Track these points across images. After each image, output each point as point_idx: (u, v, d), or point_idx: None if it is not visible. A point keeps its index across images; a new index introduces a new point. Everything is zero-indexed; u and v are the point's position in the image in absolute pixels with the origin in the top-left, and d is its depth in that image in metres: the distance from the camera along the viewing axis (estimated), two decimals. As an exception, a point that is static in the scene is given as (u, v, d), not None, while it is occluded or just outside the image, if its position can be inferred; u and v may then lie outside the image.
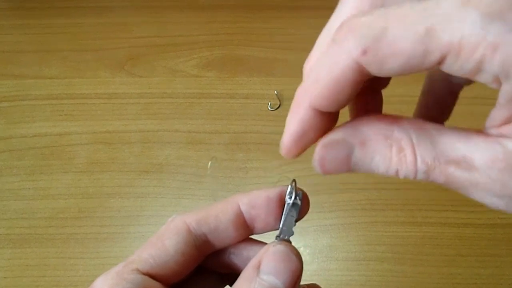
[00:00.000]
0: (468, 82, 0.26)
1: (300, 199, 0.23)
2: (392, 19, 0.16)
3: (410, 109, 0.27)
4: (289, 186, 0.23)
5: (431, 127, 0.18)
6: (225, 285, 0.25)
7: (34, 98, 0.59)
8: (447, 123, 0.28)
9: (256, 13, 0.66)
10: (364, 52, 0.17)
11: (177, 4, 0.67)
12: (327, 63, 0.18)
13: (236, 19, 0.65)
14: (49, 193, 0.52)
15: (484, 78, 0.16)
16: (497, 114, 0.17)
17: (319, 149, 0.19)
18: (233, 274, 0.23)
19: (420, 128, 0.18)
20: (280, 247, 0.21)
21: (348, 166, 0.19)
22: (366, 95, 0.24)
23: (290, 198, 0.23)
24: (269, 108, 0.57)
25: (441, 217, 0.49)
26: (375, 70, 0.17)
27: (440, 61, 0.16)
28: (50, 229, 0.49)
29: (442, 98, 0.27)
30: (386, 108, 0.25)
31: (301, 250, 0.47)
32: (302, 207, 0.23)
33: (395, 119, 0.18)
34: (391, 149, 0.18)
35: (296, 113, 0.20)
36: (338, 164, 0.19)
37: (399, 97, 0.47)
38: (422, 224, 0.48)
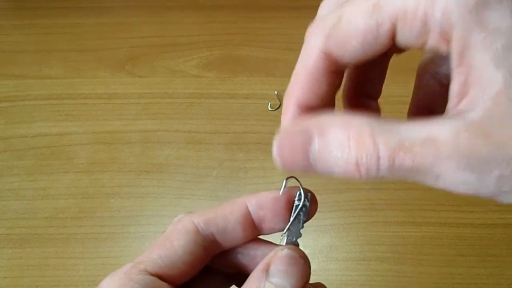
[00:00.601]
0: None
1: (308, 201, 0.23)
2: (346, 8, 0.18)
3: (409, 109, 0.27)
4: (300, 188, 0.23)
5: (392, 120, 0.17)
6: (231, 285, 0.25)
7: (35, 98, 0.59)
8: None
9: (256, 13, 0.66)
10: (327, 38, 0.19)
11: (177, 4, 0.67)
12: (301, 60, 0.20)
13: (236, 19, 0.65)
14: (49, 193, 0.52)
15: (434, 39, 0.17)
16: (453, 89, 0.17)
17: (280, 133, 0.19)
18: (239, 274, 0.24)
19: (381, 119, 0.17)
20: (289, 251, 0.21)
21: (306, 157, 0.18)
22: (362, 106, 0.25)
23: (299, 200, 0.23)
24: (269, 108, 0.57)
25: (441, 217, 0.49)
26: (340, 53, 0.19)
27: (393, 31, 0.17)
28: (50, 229, 0.49)
29: (432, 94, 0.26)
30: (385, 108, 0.25)
31: (301, 250, 0.47)
32: (310, 209, 0.23)
33: (354, 114, 0.18)
34: (349, 137, 0.17)
35: (286, 115, 0.20)
36: (295, 153, 0.18)
37: (398, 97, 0.47)
38: (422, 224, 0.48)
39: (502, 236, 0.48)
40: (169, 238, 0.22)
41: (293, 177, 0.23)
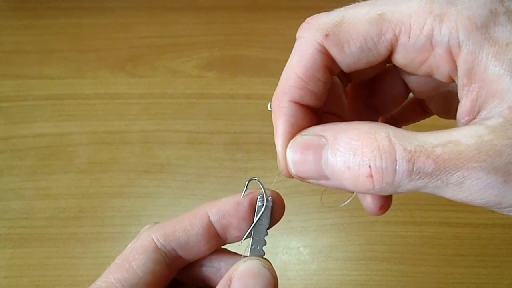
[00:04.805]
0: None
1: (271, 202, 0.21)
2: (348, 11, 0.18)
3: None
4: (262, 190, 0.21)
5: (407, 130, 0.17)
6: None
7: (35, 98, 0.59)
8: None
9: (256, 13, 0.66)
10: (327, 35, 0.18)
11: (178, 5, 0.67)
12: (297, 54, 0.19)
13: (236, 19, 0.65)
14: (50, 193, 0.52)
15: (437, 56, 0.17)
16: (463, 107, 0.17)
17: (295, 138, 0.19)
18: (208, 287, 0.22)
19: (397, 128, 0.17)
20: (251, 262, 0.20)
21: (318, 162, 0.17)
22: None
23: (262, 202, 0.21)
24: (269, 108, 0.57)
25: (441, 217, 0.49)
26: (336, 53, 0.18)
27: (393, 44, 0.17)
28: (50, 229, 0.49)
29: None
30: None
31: (301, 250, 0.47)
32: (274, 211, 0.21)
33: (371, 121, 0.17)
34: (362, 140, 0.16)
35: (280, 112, 0.20)
36: (308, 156, 0.18)
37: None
38: (421, 224, 0.49)
39: (502, 236, 0.48)
40: (128, 259, 0.20)
41: (255, 178, 0.21)
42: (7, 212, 0.51)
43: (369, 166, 0.16)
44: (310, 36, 0.19)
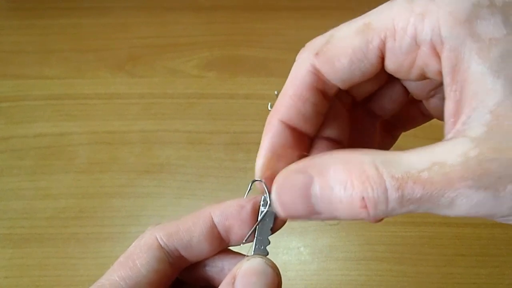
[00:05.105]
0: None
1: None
2: (338, 29, 0.19)
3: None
4: (265, 193, 0.21)
5: (390, 151, 0.16)
6: None
7: (35, 98, 0.59)
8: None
9: (256, 13, 0.66)
10: (317, 54, 0.19)
11: (177, 5, 0.67)
12: (290, 77, 0.20)
13: (236, 19, 0.65)
14: (50, 193, 0.52)
15: (424, 55, 0.17)
16: (448, 108, 0.16)
17: (277, 178, 0.18)
18: (210, 286, 0.22)
19: (380, 152, 0.16)
20: (254, 261, 0.20)
21: (308, 200, 0.17)
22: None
23: (265, 205, 0.21)
24: (269, 108, 0.57)
25: (440, 217, 0.49)
26: (329, 70, 0.19)
27: (382, 51, 0.18)
28: (50, 229, 0.49)
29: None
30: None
31: (301, 250, 0.47)
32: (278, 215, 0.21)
33: (354, 149, 0.17)
34: (351, 173, 0.16)
35: (267, 130, 0.20)
36: (297, 196, 0.17)
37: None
38: (421, 224, 0.48)
39: (502, 236, 0.48)
40: (131, 257, 0.20)
41: (259, 180, 0.21)
42: (7, 212, 0.51)
43: (363, 198, 0.16)
44: (303, 57, 0.20)
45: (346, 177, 0.16)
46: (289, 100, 0.20)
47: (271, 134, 0.20)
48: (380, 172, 0.15)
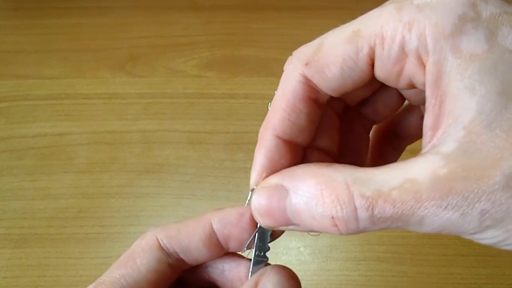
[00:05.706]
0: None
1: None
2: (327, 36, 0.18)
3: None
4: None
5: (365, 168, 0.16)
6: None
7: (35, 98, 0.59)
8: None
9: (256, 13, 0.66)
10: (307, 64, 0.18)
11: (177, 5, 0.67)
12: (281, 89, 0.20)
13: (236, 19, 0.65)
14: (49, 193, 0.52)
15: (411, 65, 0.17)
16: (426, 122, 0.16)
17: (256, 189, 0.19)
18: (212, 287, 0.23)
19: (354, 168, 0.16)
20: (277, 271, 0.20)
21: (284, 213, 0.17)
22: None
23: None
24: (269, 108, 0.57)
25: (441, 217, 0.49)
26: (320, 80, 0.18)
27: (371, 58, 0.17)
28: (50, 229, 0.49)
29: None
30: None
31: (301, 250, 0.47)
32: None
33: (329, 164, 0.17)
34: (321, 190, 0.16)
35: (261, 145, 0.20)
36: (273, 209, 0.18)
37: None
38: (421, 224, 0.48)
39: (502, 236, 0.47)
40: (132, 256, 0.21)
41: None
42: (6, 212, 0.51)
43: (332, 217, 0.16)
44: (292, 67, 0.19)
45: (316, 192, 0.16)
46: (283, 113, 0.19)
47: (264, 151, 0.20)
48: (351, 191, 0.15)
